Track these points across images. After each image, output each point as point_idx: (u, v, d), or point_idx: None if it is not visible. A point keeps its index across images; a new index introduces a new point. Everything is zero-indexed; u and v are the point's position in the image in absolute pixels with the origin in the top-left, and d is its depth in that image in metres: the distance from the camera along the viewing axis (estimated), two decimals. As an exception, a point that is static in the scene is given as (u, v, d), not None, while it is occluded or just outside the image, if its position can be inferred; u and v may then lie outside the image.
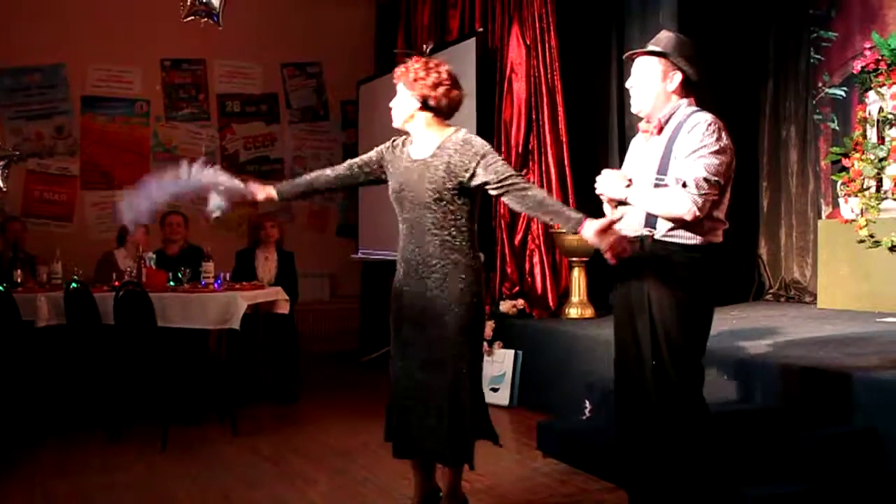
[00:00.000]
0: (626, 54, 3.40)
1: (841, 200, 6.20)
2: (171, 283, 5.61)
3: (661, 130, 3.21)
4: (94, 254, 6.61)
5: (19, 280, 5.80)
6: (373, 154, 3.66)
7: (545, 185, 6.44)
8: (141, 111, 8.50)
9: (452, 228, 3.36)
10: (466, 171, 3.33)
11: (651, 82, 3.23)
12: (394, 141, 3.68)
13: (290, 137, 9.07)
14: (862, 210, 5.97)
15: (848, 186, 6.08)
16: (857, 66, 6.24)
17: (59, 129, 8.20)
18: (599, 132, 6.95)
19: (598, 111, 6.98)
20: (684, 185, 3.04)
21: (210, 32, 7.70)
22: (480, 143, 3.41)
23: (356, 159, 3.69)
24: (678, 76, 3.21)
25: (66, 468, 4.63)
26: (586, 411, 4.85)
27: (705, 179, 3.03)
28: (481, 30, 6.86)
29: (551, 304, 6.36)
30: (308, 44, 8.94)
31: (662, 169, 3.15)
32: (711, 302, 3.25)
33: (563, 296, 6.38)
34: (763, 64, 7.23)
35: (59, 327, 5.41)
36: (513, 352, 6.05)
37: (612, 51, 6.93)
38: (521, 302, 6.32)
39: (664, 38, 3.29)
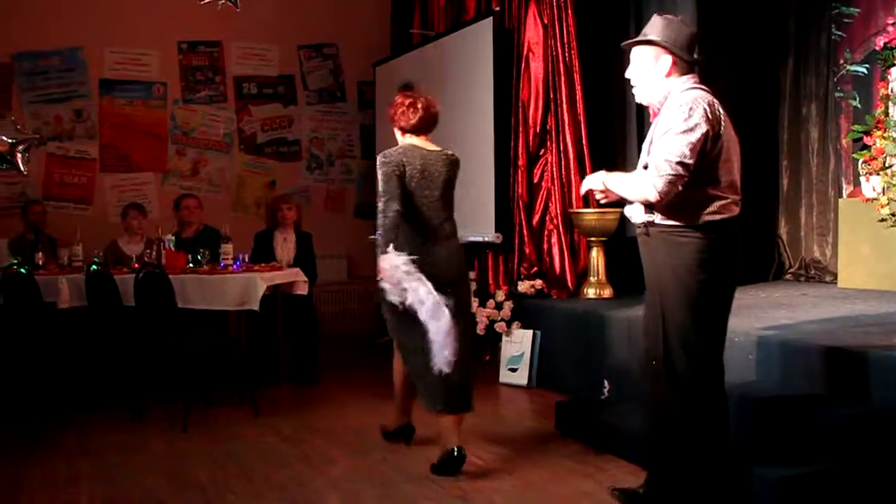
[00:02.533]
0: (624, 44, 3.46)
1: (862, 179, 6.13)
2: (191, 265, 5.63)
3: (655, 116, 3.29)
4: (114, 236, 6.65)
5: (41, 262, 5.85)
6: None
7: (563, 164, 6.42)
8: (158, 94, 8.52)
9: None
10: None
11: (644, 70, 3.30)
12: None
13: (307, 119, 9.07)
14: (884, 188, 5.90)
15: (869, 165, 6.00)
16: (880, 42, 6.15)
17: (77, 113, 8.24)
18: (617, 111, 6.91)
19: (615, 90, 6.92)
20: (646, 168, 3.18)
21: (227, 14, 7.70)
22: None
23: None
24: (667, 59, 3.24)
25: (89, 447, 4.68)
26: (605, 391, 4.85)
27: (666, 161, 3.06)
28: (498, 9, 6.82)
29: (570, 284, 6.35)
30: (324, 25, 8.93)
31: (646, 153, 3.26)
32: (723, 283, 3.23)
33: (582, 276, 6.36)
34: (783, 41, 7.14)
35: (81, 309, 5.46)
36: (531, 332, 6.05)
37: (630, 29, 6.87)
38: (539, 282, 6.32)
39: (652, 23, 3.34)
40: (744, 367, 4.22)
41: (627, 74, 3.36)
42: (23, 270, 5.45)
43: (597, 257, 6.19)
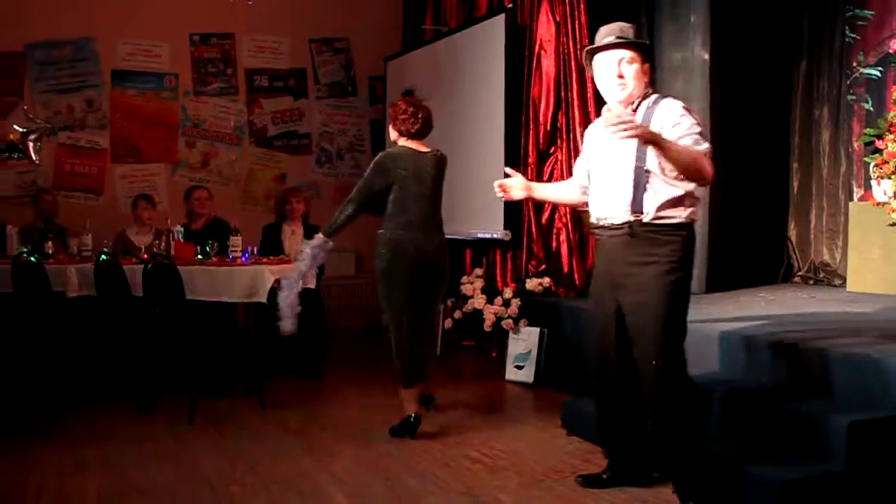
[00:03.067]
0: (607, 42, 3.46)
1: (873, 182, 6.12)
2: (199, 257, 5.64)
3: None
4: (123, 226, 6.66)
5: (50, 251, 5.86)
6: None
7: (573, 162, 6.39)
8: (170, 85, 8.53)
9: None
10: None
11: (637, 73, 3.38)
12: None
13: (318, 112, 9.07)
14: (895, 192, 5.89)
15: (881, 168, 5.99)
16: (894, 45, 6.13)
17: (89, 103, 8.26)
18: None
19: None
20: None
21: (239, 7, 7.74)
22: None
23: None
24: (648, 66, 3.44)
25: (96, 437, 4.69)
26: (611, 390, 4.83)
27: (704, 148, 3.21)
28: (510, 6, 6.81)
29: (577, 282, 6.35)
30: (336, 19, 8.93)
31: (641, 156, 3.27)
32: (690, 279, 3.42)
33: (590, 274, 6.34)
34: (797, 43, 7.13)
35: (89, 298, 5.47)
36: (538, 329, 6.05)
37: (642, 28, 6.85)
38: (547, 280, 6.32)
39: (627, 28, 3.49)
40: (756, 369, 4.22)
41: (612, 75, 3.39)
42: (33, 259, 5.47)
43: (605, 256, 6.18)
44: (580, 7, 6.41)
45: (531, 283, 6.31)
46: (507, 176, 3.93)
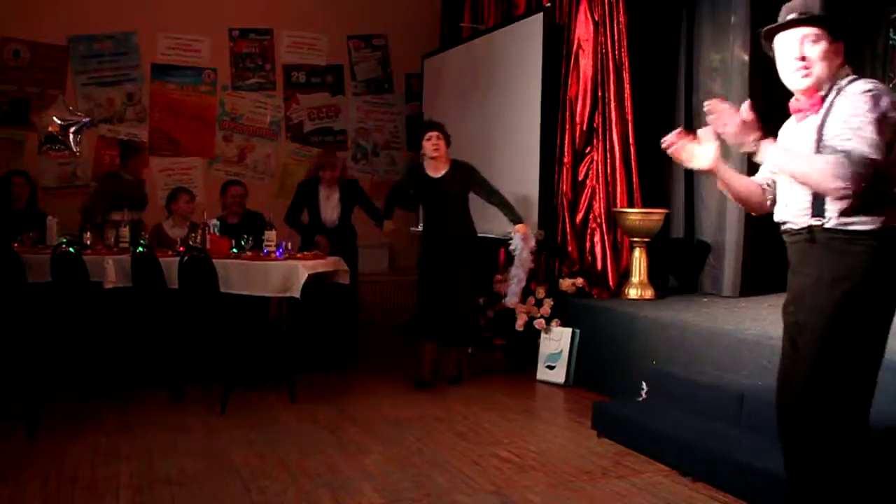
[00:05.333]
0: (787, 20, 2.83)
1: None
2: (234, 251, 5.69)
3: (818, 108, 2.76)
4: (160, 219, 6.73)
5: (88, 242, 5.94)
6: None
7: (609, 162, 6.38)
8: (209, 80, 8.60)
9: None
10: None
11: (825, 53, 2.75)
12: None
13: (354, 109, 9.10)
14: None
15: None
16: (938, 48, 6.02)
17: (129, 96, 8.35)
18: (666, 112, 6.84)
19: (665, 90, 6.86)
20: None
21: (278, 3, 7.80)
22: None
23: None
24: (841, 47, 2.78)
25: (129, 426, 4.76)
26: (643, 393, 4.82)
27: (855, 150, 2.58)
28: (549, 5, 6.77)
29: (611, 283, 6.31)
30: (374, 16, 8.95)
31: (820, 150, 2.71)
32: (891, 298, 2.72)
33: (624, 276, 6.32)
34: (839, 44, 7.02)
35: (126, 289, 5.54)
36: (570, 330, 6.02)
37: (681, 29, 6.81)
38: (580, 280, 6.28)
39: (812, 1, 2.83)
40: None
41: (790, 58, 2.80)
42: (71, 250, 5.55)
43: (639, 258, 6.15)
44: (619, 7, 6.38)
45: (564, 284, 6.28)
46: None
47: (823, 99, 2.75)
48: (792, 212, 2.80)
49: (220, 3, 8.40)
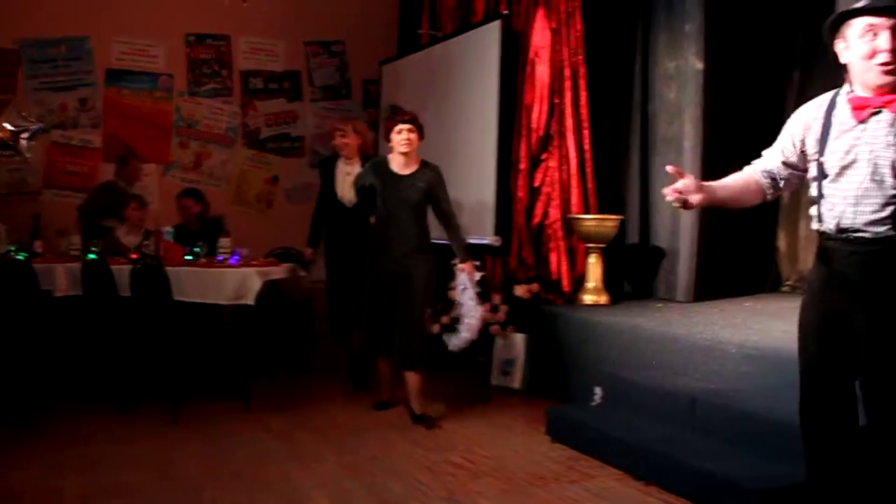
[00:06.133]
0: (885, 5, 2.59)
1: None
2: (189, 258, 5.63)
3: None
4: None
5: (39, 250, 5.85)
6: None
7: (564, 169, 6.42)
8: (164, 85, 8.52)
9: None
10: None
11: None
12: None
13: (312, 115, 9.06)
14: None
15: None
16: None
17: (82, 102, 8.24)
18: (621, 119, 6.90)
19: (620, 97, 6.92)
20: None
21: (235, 9, 7.73)
22: None
23: None
24: None
25: (78, 437, 4.68)
26: (596, 398, 4.84)
27: None
28: (507, 12, 6.81)
29: (566, 289, 6.34)
30: (332, 22, 8.92)
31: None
32: None
33: (579, 281, 6.35)
34: (790, 54, 7.12)
35: (76, 298, 5.46)
36: (526, 336, 6.04)
37: (637, 37, 6.87)
38: (536, 286, 6.30)
39: None
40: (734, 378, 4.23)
41: (888, 48, 2.55)
42: (20, 257, 5.46)
43: (594, 263, 6.19)
44: (575, 15, 6.43)
45: (520, 290, 6.29)
46: (672, 177, 2.98)
47: None
48: (864, 220, 2.58)
49: (176, 8, 8.31)
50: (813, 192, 2.78)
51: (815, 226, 2.76)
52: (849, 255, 2.63)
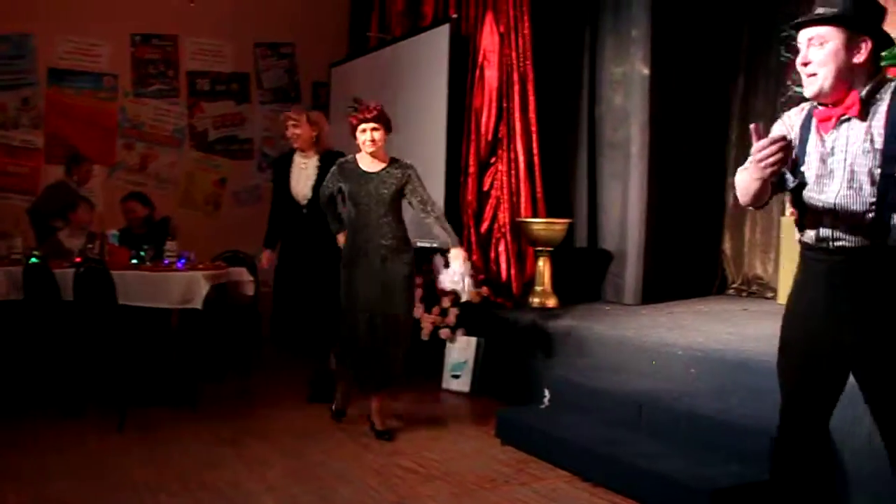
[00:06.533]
0: (798, 21, 2.60)
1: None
2: (134, 261, 5.55)
3: (859, 113, 2.49)
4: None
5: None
6: None
7: (513, 173, 6.46)
8: (109, 85, 8.38)
9: None
10: None
11: (830, 56, 2.49)
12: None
13: (260, 118, 8.99)
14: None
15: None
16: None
17: (24, 101, 8.07)
18: (569, 123, 6.97)
19: (568, 102, 6.99)
20: None
21: (182, 9, 7.65)
22: None
23: None
24: (866, 44, 2.49)
25: (22, 445, 4.57)
26: (546, 400, 4.87)
27: None
28: (455, 16, 6.84)
29: (515, 292, 6.38)
30: (281, 24, 8.86)
31: (890, 157, 2.43)
32: None
33: (528, 285, 6.40)
34: (735, 60, 7.25)
35: (17, 302, 5.34)
36: (475, 339, 6.06)
37: (584, 42, 6.94)
38: (485, 290, 6.33)
39: None
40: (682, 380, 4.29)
41: (800, 62, 2.56)
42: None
43: (543, 267, 6.23)
44: (524, 19, 6.48)
45: (469, 293, 6.31)
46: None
47: (863, 101, 2.48)
48: (844, 229, 2.51)
49: (122, 7, 8.18)
50: (794, 202, 2.73)
51: (796, 236, 2.71)
52: (829, 265, 2.56)
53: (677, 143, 6.73)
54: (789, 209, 6.59)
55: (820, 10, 2.51)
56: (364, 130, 4.77)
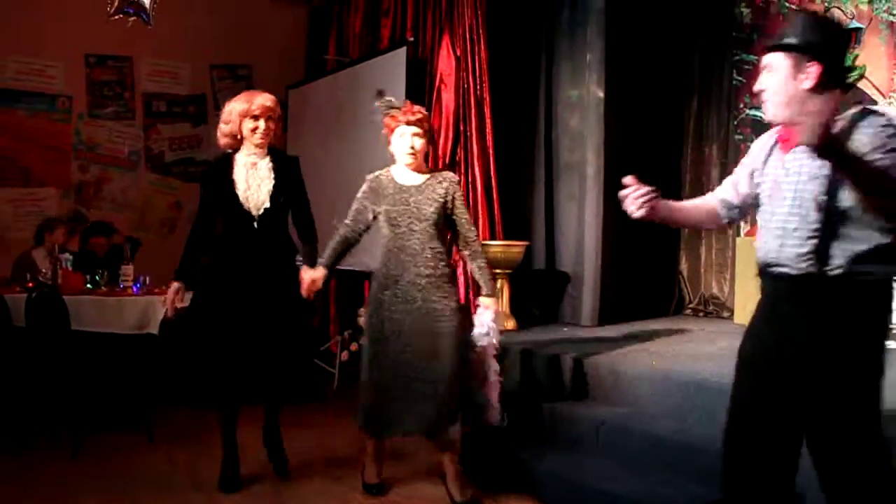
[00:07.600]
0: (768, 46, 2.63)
1: (758, 219, 6.34)
2: (89, 286, 5.48)
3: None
4: (9, 253, 6.43)
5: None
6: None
7: (471, 195, 6.49)
8: (63, 107, 8.28)
9: None
10: None
11: (780, 82, 2.54)
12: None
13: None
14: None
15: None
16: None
17: (-25, 123, 7.96)
18: (526, 145, 7.03)
19: (525, 124, 7.05)
20: None
21: (138, 30, 7.54)
22: None
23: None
24: (814, 69, 2.49)
25: (-29, 475, 4.49)
26: (504, 423, 4.86)
27: None
28: (412, 39, 6.87)
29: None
30: (238, 45, 8.83)
31: (833, 189, 2.43)
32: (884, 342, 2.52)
33: (486, 306, 6.40)
34: (689, 82, 7.39)
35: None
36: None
37: (540, 65, 7.02)
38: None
39: (796, 22, 2.58)
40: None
41: (756, 88, 2.65)
42: None
43: (501, 288, 6.25)
44: (480, 43, 6.53)
45: (429, 315, 6.31)
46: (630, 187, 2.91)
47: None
48: (788, 255, 2.50)
49: (75, 27, 8.08)
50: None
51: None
52: (775, 291, 2.55)
53: (633, 164, 6.71)
54: (745, 229, 6.71)
55: (783, 36, 2.56)
56: (403, 135, 3.95)
